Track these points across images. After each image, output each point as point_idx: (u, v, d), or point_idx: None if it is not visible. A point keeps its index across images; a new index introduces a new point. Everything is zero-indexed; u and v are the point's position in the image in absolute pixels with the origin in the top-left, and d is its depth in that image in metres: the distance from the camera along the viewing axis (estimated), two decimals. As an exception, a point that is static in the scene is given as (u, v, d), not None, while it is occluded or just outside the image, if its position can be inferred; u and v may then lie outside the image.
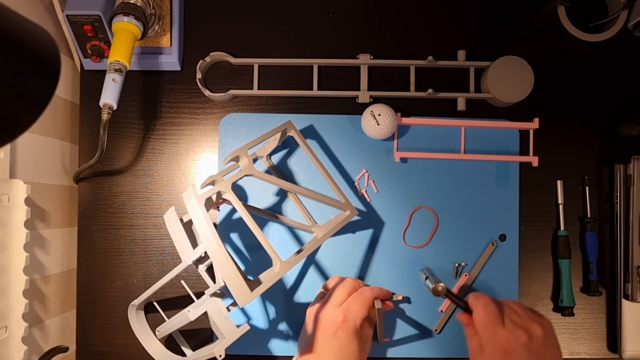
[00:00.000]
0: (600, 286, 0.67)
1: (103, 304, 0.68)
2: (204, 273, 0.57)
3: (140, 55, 0.67)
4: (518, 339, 0.51)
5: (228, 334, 0.54)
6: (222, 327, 0.54)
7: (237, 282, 0.50)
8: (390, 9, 0.70)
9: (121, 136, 0.69)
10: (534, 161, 0.67)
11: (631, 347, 0.65)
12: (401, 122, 0.67)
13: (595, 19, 0.68)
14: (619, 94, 0.69)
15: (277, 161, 0.68)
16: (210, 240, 0.51)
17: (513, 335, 0.51)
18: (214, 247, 0.51)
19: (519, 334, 0.51)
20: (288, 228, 0.67)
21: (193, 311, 0.55)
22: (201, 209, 0.52)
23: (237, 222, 0.67)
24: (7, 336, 0.54)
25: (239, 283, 0.50)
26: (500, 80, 0.65)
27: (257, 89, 0.68)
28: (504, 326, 0.52)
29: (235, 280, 0.50)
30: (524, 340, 0.51)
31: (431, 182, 0.67)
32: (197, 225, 0.52)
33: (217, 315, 0.54)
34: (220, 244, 0.51)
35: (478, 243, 0.67)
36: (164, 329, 0.60)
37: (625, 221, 0.66)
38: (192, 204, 0.52)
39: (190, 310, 0.55)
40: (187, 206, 0.53)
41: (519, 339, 0.51)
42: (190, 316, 0.55)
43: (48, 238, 0.64)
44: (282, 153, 0.68)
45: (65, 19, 0.61)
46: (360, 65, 0.68)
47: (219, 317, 0.54)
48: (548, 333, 0.53)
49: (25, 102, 0.29)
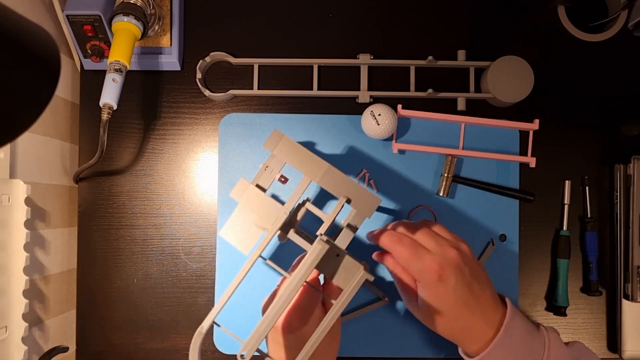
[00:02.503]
0: (600, 286, 0.67)
1: (103, 304, 0.68)
2: (296, 237, 0.49)
3: (140, 55, 0.67)
4: (449, 259, 0.50)
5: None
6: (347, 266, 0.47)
7: (361, 189, 0.48)
8: (390, 9, 0.70)
9: (121, 136, 0.69)
10: (531, 162, 0.67)
11: (631, 347, 0.65)
12: (401, 114, 0.66)
13: (595, 19, 0.69)
14: (619, 94, 0.69)
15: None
16: (317, 162, 0.48)
17: (442, 256, 0.50)
18: (323, 166, 0.48)
19: (448, 252, 0.50)
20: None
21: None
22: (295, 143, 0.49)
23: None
24: (7, 336, 0.54)
25: (363, 191, 0.48)
26: (500, 80, 0.65)
27: (257, 89, 0.68)
28: (429, 250, 0.51)
29: (359, 188, 0.48)
30: (455, 258, 0.50)
31: (431, 182, 0.67)
32: (295, 156, 0.49)
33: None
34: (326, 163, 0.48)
35: (478, 243, 0.67)
36: (251, 344, 0.45)
37: (625, 221, 0.66)
38: (284, 141, 0.50)
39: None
40: (275, 150, 0.50)
41: (449, 259, 0.50)
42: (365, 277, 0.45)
43: (48, 238, 0.64)
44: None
45: (65, 19, 0.61)
46: (360, 65, 0.68)
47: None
48: (471, 251, 0.53)
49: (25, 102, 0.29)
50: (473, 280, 0.51)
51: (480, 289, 0.52)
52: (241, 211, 0.50)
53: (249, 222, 0.50)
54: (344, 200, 0.48)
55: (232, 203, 0.67)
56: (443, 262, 0.50)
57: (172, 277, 0.68)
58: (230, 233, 0.50)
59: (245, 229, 0.50)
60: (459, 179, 0.66)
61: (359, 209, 0.49)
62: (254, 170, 0.68)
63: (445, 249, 0.51)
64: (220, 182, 0.68)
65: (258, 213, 0.49)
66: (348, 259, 0.46)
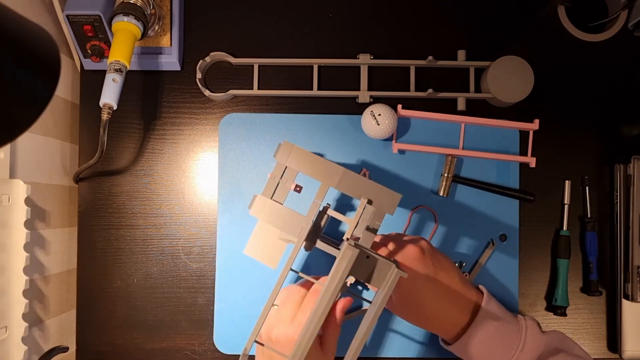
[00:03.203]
0: (600, 286, 0.67)
1: (103, 304, 0.68)
2: (324, 245, 0.49)
3: (140, 55, 0.67)
4: (408, 253, 0.52)
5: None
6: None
7: (380, 188, 0.48)
8: (390, 9, 0.70)
9: (121, 136, 0.69)
10: (531, 162, 0.67)
11: (631, 347, 0.65)
12: (401, 114, 0.66)
13: (595, 19, 0.69)
14: (619, 94, 0.69)
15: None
16: (332, 168, 0.48)
17: (402, 252, 0.52)
18: (339, 171, 0.48)
19: (407, 248, 0.52)
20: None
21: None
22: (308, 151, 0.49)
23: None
24: (7, 336, 0.54)
25: (382, 189, 0.48)
26: (500, 80, 0.65)
27: (257, 89, 0.68)
28: (390, 250, 0.53)
29: (378, 187, 0.48)
30: (414, 251, 0.52)
31: (431, 182, 0.67)
32: (309, 165, 0.48)
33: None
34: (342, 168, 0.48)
35: (478, 243, 0.67)
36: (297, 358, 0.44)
37: (625, 221, 0.66)
38: (296, 151, 0.49)
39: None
40: (288, 161, 0.49)
41: (409, 253, 0.52)
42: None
43: (48, 238, 0.64)
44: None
45: (65, 19, 0.61)
46: (360, 65, 0.68)
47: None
48: (429, 243, 0.55)
49: (25, 102, 0.29)
50: (438, 269, 0.53)
51: (448, 276, 0.53)
52: (262, 227, 0.50)
53: (272, 237, 0.50)
54: (365, 201, 0.48)
55: (232, 203, 0.67)
56: (403, 257, 0.52)
57: (172, 277, 0.68)
58: (254, 250, 0.50)
59: (270, 244, 0.50)
60: (459, 179, 0.66)
61: (380, 207, 0.48)
62: (254, 170, 0.68)
63: (404, 245, 0.53)
64: (220, 182, 0.68)
65: (281, 226, 0.49)
66: (379, 259, 0.46)
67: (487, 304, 0.54)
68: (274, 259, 0.49)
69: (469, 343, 0.53)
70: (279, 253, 0.49)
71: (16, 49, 0.28)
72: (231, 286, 0.66)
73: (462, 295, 0.54)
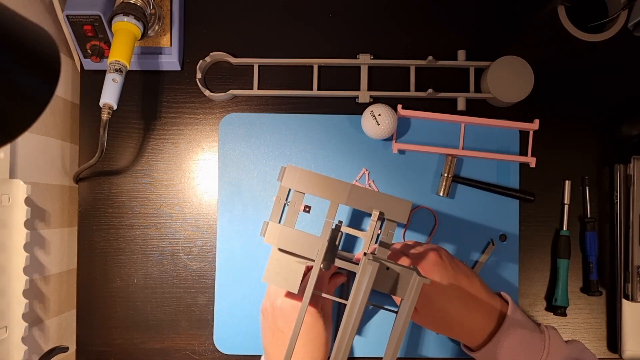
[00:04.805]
0: (600, 286, 0.67)
1: (103, 304, 0.68)
2: (342, 262, 0.49)
3: (140, 55, 0.67)
4: (428, 259, 0.52)
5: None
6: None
7: (390, 198, 0.48)
8: (391, 9, 0.70)
9: (121, 136, 0.69)
10: (531, 162, 0.67)
11: (631, 347, 0.65)
12: (401, 114, 0.66)
13: (595, 19, 0.69)
14: (619, 94, 0.69)
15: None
16: (339, 185, 0.49)
17: (423, 259, 0.53)
18: (346, 187, 0.49)
19: (427, 254, 0.53)
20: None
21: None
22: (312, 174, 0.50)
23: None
24: (7, 336, 0.54)
25: (392, 199, 0.48)
26: (500, 80, 0.65)
27: (257, 89, 0.68)
28: (409, 257, 0.53)
29: (387, 197, 0.48)
30: (434, 256, 0.52)
31: (431, 182, 0.67)
32: (317, 186, 0.49)
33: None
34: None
35: (478, 243, 0.67)
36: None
37: (625, 221, 0.66)
38: (302, 174, 0.50)
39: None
40: (294, 185, 0.50)
41: (428, 258, 0.52)
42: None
43: (48, 238, 0.64)
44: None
45: (65, 19, 0.61)
46: (360, 65, 0.68)
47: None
48: (445, 250, 0.56)
49: (25, 102, 0.29)
50: (457, 273, 0.53)
51: (468, 280, 0.53)
52: (278, 252, 0.50)
53: (289, 261, 0.50)
54: (377, 213, 0.49)
55: (232, 203, 0.67)
56: (422, 264, 0.52)
57: (172, 277, 0.68)
58: (273, 277, 0.50)
59: (287, 269, 0.50)
60: (459, 179, 0.66)
61: (392, 217, 0.49)
62: (254, 170, 0.68)
63: (421, 252, 0.54)
64: (220, 182, 0.68)
65: (297, 250, 0.49)
66: (399, 269, 0.46)
67: (514, 312, 0.53)
68: (294, 283, 0.50)
69: (496, 351, 0.52)
70: (298, 276, 0.50)
71: (16, 49, 0.28)
72: (231, 286, 0.66)
73: (485, 301, 0.53)
